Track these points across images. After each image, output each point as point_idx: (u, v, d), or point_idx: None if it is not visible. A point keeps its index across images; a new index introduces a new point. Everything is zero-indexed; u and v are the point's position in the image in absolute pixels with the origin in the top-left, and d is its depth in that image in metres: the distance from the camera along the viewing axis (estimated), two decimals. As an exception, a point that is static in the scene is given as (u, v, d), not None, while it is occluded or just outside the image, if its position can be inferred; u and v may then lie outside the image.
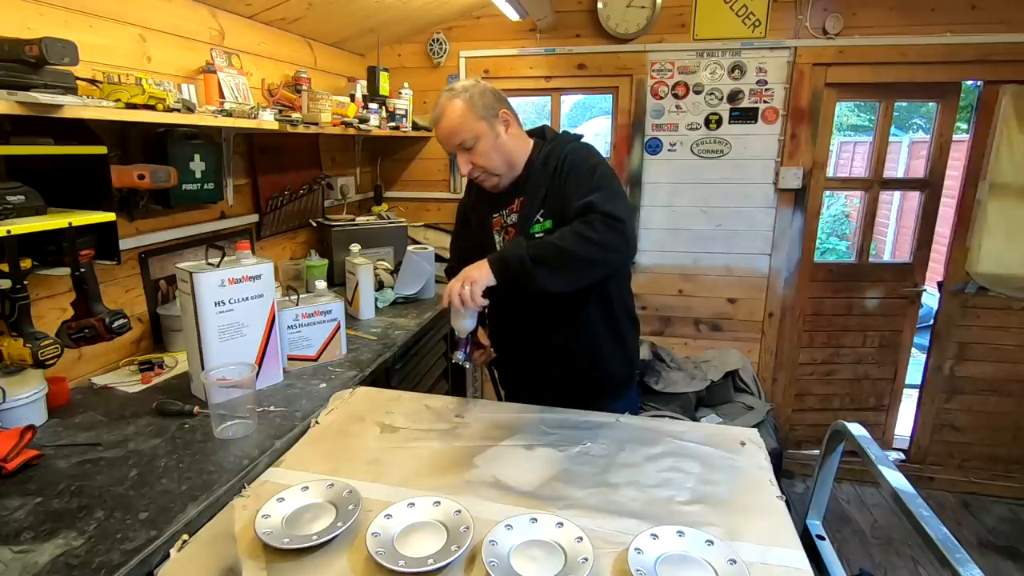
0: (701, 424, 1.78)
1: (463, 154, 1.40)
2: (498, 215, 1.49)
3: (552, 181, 1.39)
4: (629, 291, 1.56)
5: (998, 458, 2.93)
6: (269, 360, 1.50)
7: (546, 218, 1.39)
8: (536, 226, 1.40)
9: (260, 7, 2.07)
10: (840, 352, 3.01)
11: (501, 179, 1.44)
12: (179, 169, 1.66)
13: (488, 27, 2.92)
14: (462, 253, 1.57)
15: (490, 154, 1.39)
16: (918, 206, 2.89)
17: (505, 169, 1.43)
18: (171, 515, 0.98)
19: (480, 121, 1.37)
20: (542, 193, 1.40)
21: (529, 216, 1.41)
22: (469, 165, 1.40)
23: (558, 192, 1.36)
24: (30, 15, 1.35)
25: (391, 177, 3.24)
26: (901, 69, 2.60)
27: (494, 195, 1.49)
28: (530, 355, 1.56)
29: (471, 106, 1.36)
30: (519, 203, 1.44)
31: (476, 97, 1.37)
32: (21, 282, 1.15)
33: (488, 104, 1.38)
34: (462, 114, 1.36)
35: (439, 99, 1.40)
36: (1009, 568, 2.49)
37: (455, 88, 1.39)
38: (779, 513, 1.03)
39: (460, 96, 1.37)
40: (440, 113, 1.39)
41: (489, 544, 0.90)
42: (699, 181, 2.86)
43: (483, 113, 1.37)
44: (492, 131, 1.38)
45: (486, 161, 1.39)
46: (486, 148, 1.38)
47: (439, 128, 1.40)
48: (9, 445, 1.10)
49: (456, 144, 1.38)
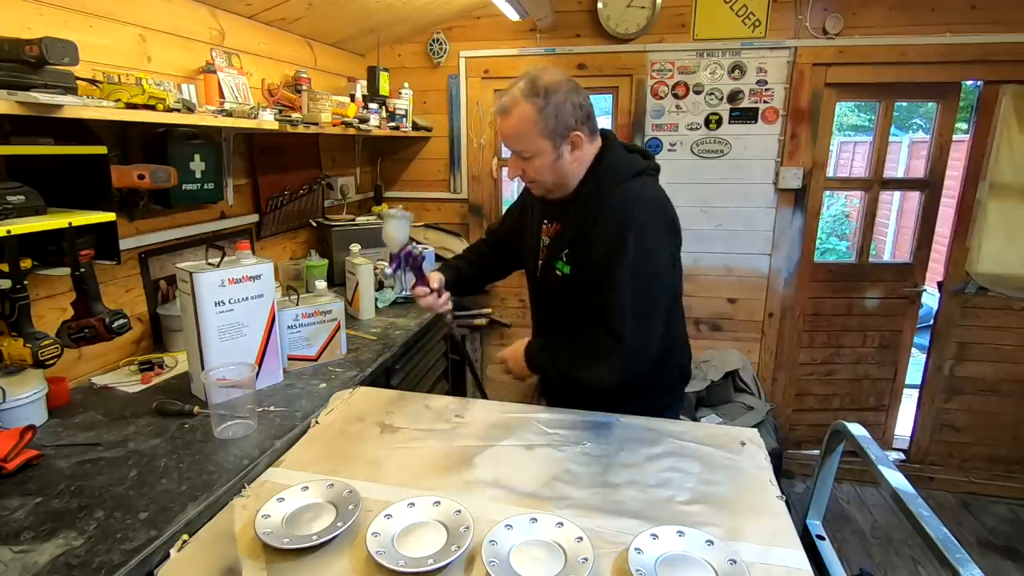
0: (701, 424, 1.78)
1: (516, 159, 1.29)
2: (547, 224, 1.42)
3: (581, 227, 1.29)
4: (676, 318, 1.46)
5: (998, 458, 2.93)
6: (269, 360, 1.50)
7: (567, 262, 1.33)
8: (559, 263, 1.35)
9: (260, 7, 2.07)
10: (840, 352, 3.01)
11: (546, 191, 1.34)
12: (179, 169, 1.66)
13: (488, 27, 2.92)
14: (510, 232, 1.58)
15: (544, 172, 1.28)
16: (918, 206, 2.89)
17: (554, 186, 1.32)
18: (171, 515, 0.98)
19: (545, 140, 1.23)
20: (570, 235, 1.32)
21: (557, 250, 1.36)
22: (520, 171, 1.30)
23: (581, 241, 1.29)
24: (30, 15, 1.35)
25: (391, 177, 3.24)
26: (901, 69, 2.60)
27: (543, 200, 1.41)
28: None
29: (543, 119, 1.21)
30: (555, 229, 1.38)
31: (552, 110, 1.21)
32: (21, 282, 1.15)
33: (564, 123, 1.22)
34: (529, 124, 1.22)
35: (515, 87, 1.24)
36: (1009, 568, 2.49)
37: (537, 85, 1.21)
38: (779, 513, 1.03)
39: (537, 101, 1.20)
40: (507, 108, 1.24)
41: (489, 544, 0.90)
42: (699, 181, 2.87)
43: (552, 132, 1.22)
44: (554, 152, 1.25)
45: (537, 175, 1.30)
46: (542, 165, 1.27)
47: (502, 122, 1.27)
48: (9, 445, 1.10)
49: (515, 148, 1.28)
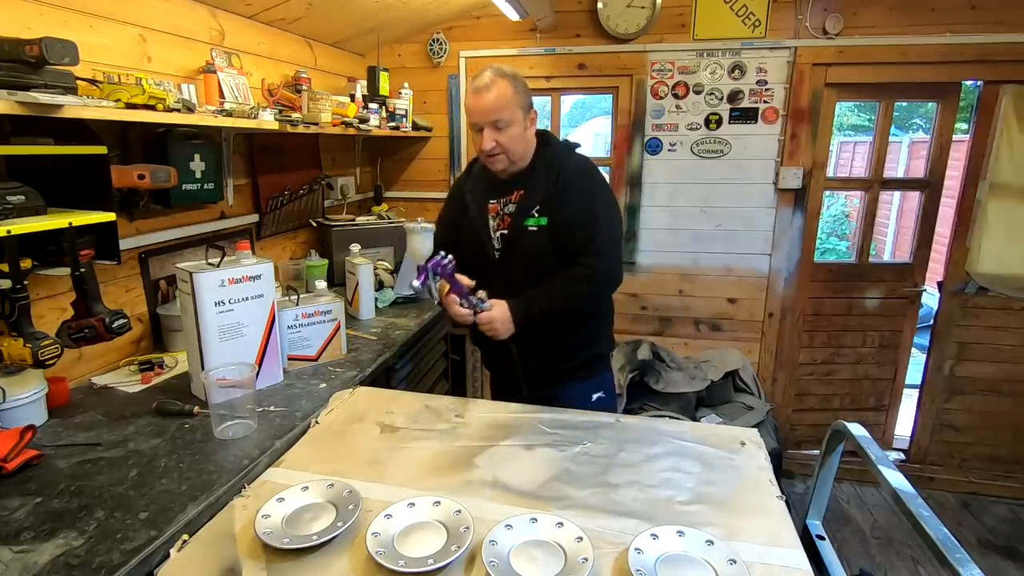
0: (701, 424, 1.78)
1: (492, 131, 1.46)
2: (495, 202, 1.59)
3: (553, 186, 1.52)
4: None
5: (998, 458, 2.93)
6: (269, 360, 1.50)
7: (541, 215, 1.52)
8: (530, 219, 1.52)
9: (260, 7, 2.07)
10: (840, 352, 3.01)
11: (510, 166, 1.53)
12: (179, 169, 1.66)
13: (488, 27, 2.92)
14: (447, 229, 1.71)
15: (515, 140, 1.48)
16: (918, 206, 2.89)
17: (518, 158, 1.53)
18: (171, 515, 0.98)
19: (519, 110, 1.47)
20: (540, 194, 1.52)
21: (526, 209, 1.53)
22: (493, 143, 1.46)
23: (555, 198, 1.51)
24: (30, 15, 1.35)
25: (391, 177, 3.24)
26: (901, 69, 2.60)
27: (494, 182, 1.58)
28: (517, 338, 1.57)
29: (517, 92, 1.46)
30: (518, 195, 1.55)
31: (521, 87, 1.48)
32: (21, 282, 1.15)
33: (528, 100, 1.50)
34: (509, 96, 1.44)
35: (486, 71, 1.46)
36: (1009, 568, 2.48)
37: (504, 70, 1.47)
38: (779, 513, 1.03)
39: (510, 79, 1.46)
40: (486, 85, 1.44)
41: (489, 544, 0.90)
42: (699, 181, 2.86)
43: (522, 106, 1.48)
44: (523, 123, 1.49)
45: (510, 144, 1.48)
46: (515, 134, 1.47)
47: (480, 99, 1.44)
48: (9, 445, 1.10)
49: (491, 120, 1.45)
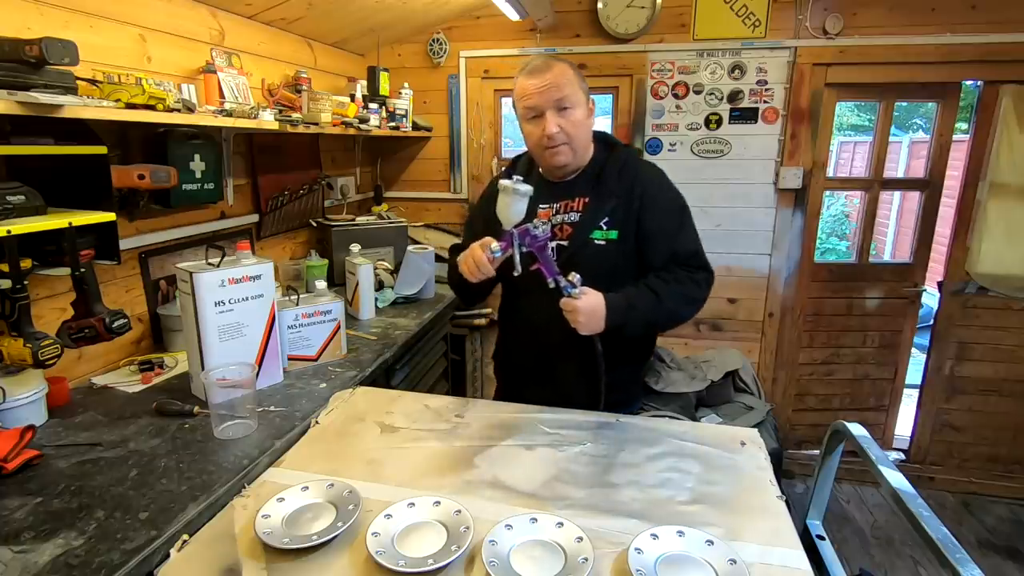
0: (701, 424, 1.77)
1: (555, 114, 1.33)
2: (547, 207, 1.41)
3: (627, 196, 1.38)
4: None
5: (998, 458, 2.93)
6: (269, 360, 1.50)
7: (611, 228, 1.38)
8: (598, 232, 1.38)
9: (260, 7, 2.07)
10: (840, 352, 3.01)
11: (571, 159, 1.38)
12: (179, 169, 1.66)
13: (488, 27, 2.92)
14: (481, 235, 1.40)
15: (580, 128, 1.36)
16: (918, 206, 2.89)
17: (582, 151, 1.40)
18: (171, 515, 0.98)
19: (581, 92, 1.35)
20: (612, 203, 1.38)
21: (594, 220, 1.38)
22: (557, 127, 1.32)
23: (630, 209, 1.38)
24: (30, 15, 1.35)
25: (391, 177, 3.24)
26: (901, 69, 2.60)
27: (546, 183, 1.43)
28: (545, 351, 1.47)
29: (577, 76, 1.36)
30: (582, 203, 1.41)
31: (579, 72, 1.38)
32: (21, 282, 1.15)
33: (586, 85, 1.38)
34: (569, 76, 1.33)
35: (536, 58, 1.37)
36: (1009, 568, 2.48)
37: (559, 56, 1.38)
38: (779, 513, 1.03)
39: (567, 62, 1.36)
40: (544, 64, 1.33)
41: (489, 544, 0.90)
42: (699, 181, 2.86)
43: (584, 90, 1.37)
44: (586, 107, 1.38)
45: (574, 129, 1.34)
46: (579, 119, 1.35)
47: (540, 77, 1.31)
48: (9, 445, 1.10)
49: (555, 99, 1.31)
